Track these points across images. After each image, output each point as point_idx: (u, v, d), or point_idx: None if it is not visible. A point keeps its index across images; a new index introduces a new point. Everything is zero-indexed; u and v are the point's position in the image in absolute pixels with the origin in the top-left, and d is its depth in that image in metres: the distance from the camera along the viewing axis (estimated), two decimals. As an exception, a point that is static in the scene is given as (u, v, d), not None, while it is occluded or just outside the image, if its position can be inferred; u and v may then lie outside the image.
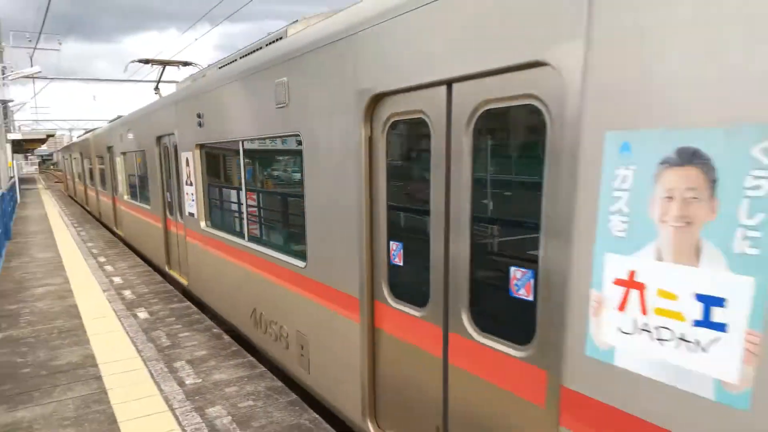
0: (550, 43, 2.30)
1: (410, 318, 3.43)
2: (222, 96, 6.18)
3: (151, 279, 9.61)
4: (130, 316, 7.39)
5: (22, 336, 6.66)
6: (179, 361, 5.71)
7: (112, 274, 10.15)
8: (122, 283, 9.32)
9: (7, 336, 6.67)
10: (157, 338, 6.45)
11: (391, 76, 3.31)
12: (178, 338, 6.44)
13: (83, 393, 5.02)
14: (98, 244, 13.88)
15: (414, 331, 3.42)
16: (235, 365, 5.60)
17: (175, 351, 6.02)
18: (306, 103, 4.33)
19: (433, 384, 3.28)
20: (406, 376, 3.53)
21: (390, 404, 3.73)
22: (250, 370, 5.49)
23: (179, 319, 7.21)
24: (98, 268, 10.76)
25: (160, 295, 8.43)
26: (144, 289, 8.90)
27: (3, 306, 8.06)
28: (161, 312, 7.54)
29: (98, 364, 5.70)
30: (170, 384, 5.16)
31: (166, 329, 6.78)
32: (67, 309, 7.81)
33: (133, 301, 8.17)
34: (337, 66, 3.85)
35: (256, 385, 5.11)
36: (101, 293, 8.68)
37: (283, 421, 4.42)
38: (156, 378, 5.31)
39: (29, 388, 5.16)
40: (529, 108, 2.53)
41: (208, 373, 5.40)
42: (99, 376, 5.39)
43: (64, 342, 6.41)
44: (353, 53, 3.66)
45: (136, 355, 5.93)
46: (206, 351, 6.01)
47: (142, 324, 7.01)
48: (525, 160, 2.74)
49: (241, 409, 4.64)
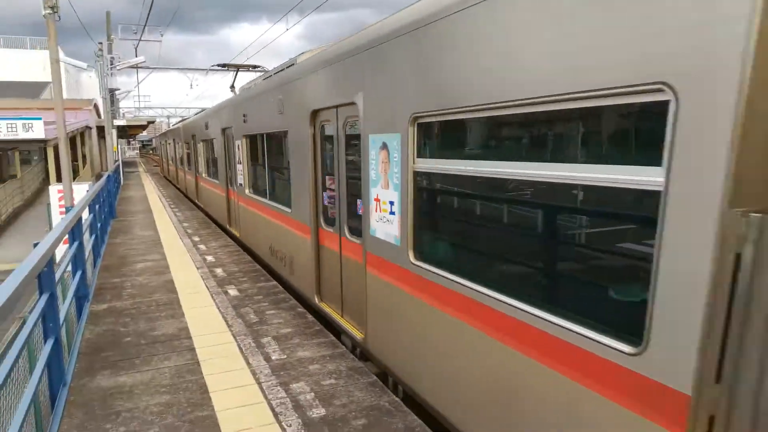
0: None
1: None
2: (254, 104, 9.17)
3: (240, 258, 10.04)
4: (221, 292, 7.76)
5: (125, 307, 7.17)
6: (266, 337, 5.93)
7: (204, 252, 10.70)
8: (214, 262, 9.80)
9: (112, 307, 7.21)
10: (245, 314, 6.74)
11: (320, 100, 5.95)
12: (265, 315, 6.69)
13: (178, 363, 5.33)
14: (192, 224, 14.67)
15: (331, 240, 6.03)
16: (318, 344, 5.74)
17: (262, 327, 6.26)
18: (289, 112, 7.08)
19: (337, 268, 6.03)
20: (329, 267, 6.26)
21: (324, 285, 6.53)
22: (332, 349, 5.61)
23: (266, 297, 7.48)
24: (192, 246, 11.38)
25: (249, 274, 8.79)
26: (234, 267, 9.31)
27: (108, 279, 8.71)
28: (250, 290, 7.86)
29: (192, 336, 6.03)
30: (257, 358, 5.38)
31: (254, 306, 7.06)
32: (165, 284, 8.32)
33: (224, 278, 8.57)
34: (301, 92, 6.63)
35: (338, 364, 5.22)
36: (195, 270, 9.18)
37: (364, 401, 4.49)
38: (244, 352, 5.54)
39: (130, 355, 5.55)
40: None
41: (292, 350, 5.58)
42: (193, 347, 5.71)
43: (162, 314, 6.84)
44: (304, 84, 6.48)
45: (227, 329, 6.22)
46: (291, 329, 6.20)
47: (231, 300, 7.35)
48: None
49: (324, 386, 4.76)
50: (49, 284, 4.17)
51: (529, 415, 3.09)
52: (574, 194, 2.92)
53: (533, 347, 3.02)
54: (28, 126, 20.51)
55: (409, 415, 4.25)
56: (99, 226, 10.06)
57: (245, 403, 4.48)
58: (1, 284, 3.06)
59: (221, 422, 4.17)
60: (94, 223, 9.04)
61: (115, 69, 26.03)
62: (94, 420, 4.26)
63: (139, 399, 4.59)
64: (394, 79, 4.29)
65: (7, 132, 20.36)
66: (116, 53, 27.90)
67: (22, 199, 30.93)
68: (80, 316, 6.51)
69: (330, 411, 4.32)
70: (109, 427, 4.16)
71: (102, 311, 7.00)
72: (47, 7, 12.62)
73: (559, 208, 3.13)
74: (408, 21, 4.08)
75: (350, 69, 5.19)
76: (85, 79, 64.37)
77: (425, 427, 4.10)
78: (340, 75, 5.44)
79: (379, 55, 4.56)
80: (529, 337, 3.04)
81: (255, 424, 4.15)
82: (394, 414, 4.26)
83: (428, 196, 4.31)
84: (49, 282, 4.20)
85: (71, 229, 6.25)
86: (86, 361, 5.41)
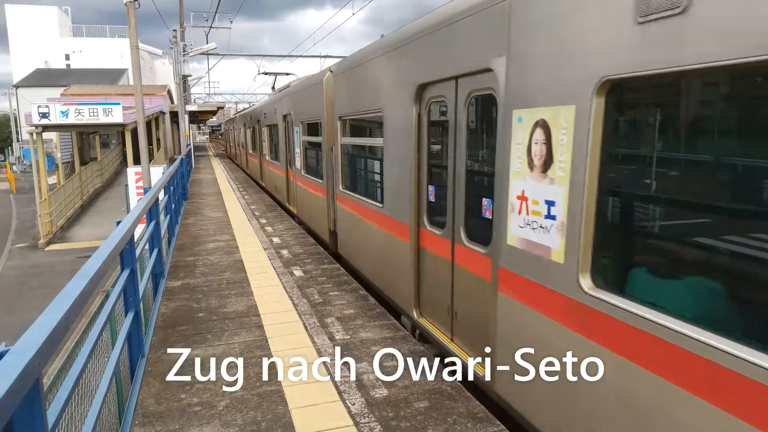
0: None
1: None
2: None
3: (305, 241, 10.26)
4: (287, 273, 7.97)
5: (197, 285, 7.49)
6: (330, 318, 6.07)
7: (271, 234, 11.01)
8: (280, 243, 10.07)
9: (185, 284, 7.55)
10: (310, 295, 6.90)
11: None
12: (329, 296, 6.83)
13: (248, 339, 5.54)
14: (260, 207, 15.10)
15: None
16: (380, 326, 5.82)
17: (326, 308, 6.40)
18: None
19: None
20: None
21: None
22: (394, 332, 5.67)
23: (329, 279, 7.63)
24: (260, 228, 11.73)
25: (313, 256, 8.98)
26: (299, 249, 9.54)
27: (182, 258, 9.12)
28: (314, 271, 8.04)
29: (260, 314, 6.25)
30: (322, 337, 5.51)
31: (318, 287, 7.22)
32: (234, 263, 8.64)
33: (290, 259, 8.79)
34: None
35: (400, 347, 5.27)
36: (262, 251, 9.47)
37: (425, 384, 4.52)
38: (309, 331, 5.69)
39: (203, 330, 5.81)
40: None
41: (355, 331, 5.68)
42: (261, 325, 5.91)
43: (232, 292, 7.11)
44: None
45: (292, 308, 6.40)
46: (353, 310, 6.31)
47: (297, 281, 7.54)
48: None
49: (386, 368, 4.82)
50: (130, 260, 4.43)
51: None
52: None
53: (319, 191, 3.39)
54: (108, 111, 21.61)
55: (472, 400, 4.25)
56: (173, 207, 10.54)
57: (310, 380, 4.61)
58: (87, 260, 3.26)
59: (288, 397, 4.32)
60: (169, 204, 9.47)
61: (188, 56, 26.97)
62: (170, 390, 4.50)
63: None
64: (296, 107, 4.22)
65: (89, 116, 21.54)
66: (188, 40, 28.89)
67: (102, 180, 32.75)
68: (156, 291, 6.86)
69: (392, 392, 4.38)
70: (183, 396, 4.38)
71: (176, 288, 7.35)
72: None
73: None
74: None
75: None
76: (159, 65, 67.03)
77: (487, 412, 4.08)
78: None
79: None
80: (321, 189, 3.40)
81: (320, 400, 4.26)
82: (456, 398, 4.27)
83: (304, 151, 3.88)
84: (131, 258, 4.45)
85: (149, 209, 6.58)
86: (162, 334, 5.71)
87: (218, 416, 4.09)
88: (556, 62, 3.25)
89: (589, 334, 3.03)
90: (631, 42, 2.65)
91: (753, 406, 2.12)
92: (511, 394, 3.91)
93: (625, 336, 2.76)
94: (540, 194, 3.40)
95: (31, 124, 21.82)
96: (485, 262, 4.20)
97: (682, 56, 2.39)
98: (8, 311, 14.94)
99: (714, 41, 2.26)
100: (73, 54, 62.26)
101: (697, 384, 2.33)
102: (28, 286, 17.20)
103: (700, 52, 2.32)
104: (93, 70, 52.91)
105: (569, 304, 3.17)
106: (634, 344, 2.71)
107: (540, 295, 3.45)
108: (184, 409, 4.20)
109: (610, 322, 2.86)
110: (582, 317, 3.08)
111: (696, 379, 2.33)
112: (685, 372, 2.38)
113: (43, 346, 1.94)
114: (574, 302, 3.12)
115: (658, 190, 2.96)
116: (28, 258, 20.73)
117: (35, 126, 21.66)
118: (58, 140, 35.24)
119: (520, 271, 3.68)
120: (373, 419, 3.99)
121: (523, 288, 3.63)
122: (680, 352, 2.38)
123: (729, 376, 2.19)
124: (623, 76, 2.73)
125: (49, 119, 21.24)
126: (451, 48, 4.52)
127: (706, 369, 2.26)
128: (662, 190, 2.95)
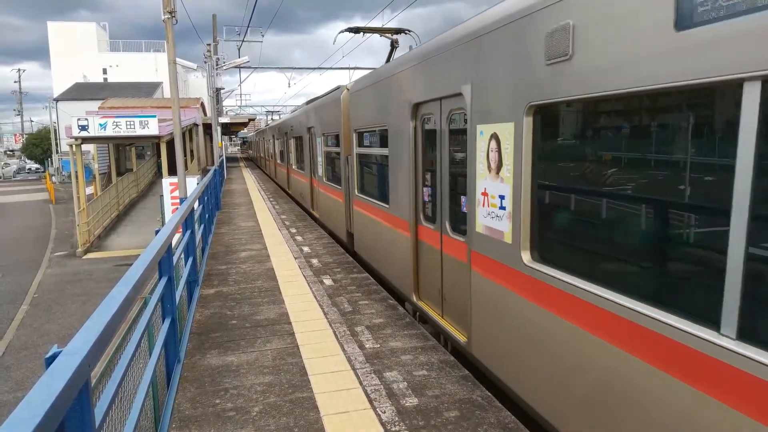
0: None
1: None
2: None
3: (334, 250, 10.37)
4: (317, 282, 8.07)
5: (231, 292, 7.65)
6: (359, 326, 6.12)
7: (301, 243, 11.15)
8: (310, 252, 10.20)
9: (219, 291, 7.71)
10: (340, 303, 6.98)
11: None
12: (358, 305, 6.89)
13: (279, 346, 5.63)
14: (290, 217, 15.30)
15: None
16: (410, 335, 5.85)
17: (355, 317, 6.46)
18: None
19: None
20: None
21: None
22: (423, 341, 5.70)
23: (359, 288, 7.70)
24: (290, 237, 11.89)
25: (343, 265, 9.07)
26: (329, 258, 9.64)
27: (215, 266, 9.31)
28: (343, 280, 8.12)
29: (291, 322, 6.34)
30: (352, 346, 5.57)
31: (348, 296, 7.29)
32: (266, 272, 8.78)
33: (320, 268, 8.90)
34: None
35: (430, 357, 5.29)
36: (293, 260, 9.60)
37: (456, 394, 4.53)
38: (339, 339, 5.76)
39: (236, 337, 5.93)
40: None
41: (384, 340, 5.72)
42: (292, 332, 6.00)
43: (264, 300, 7.23)
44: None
45: (323, 317, 6.48)
46: (383, 319, 6.35)
47: (327, 290, 7.63)
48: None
49: (416, 377, 4.85)
50: (167, 268, 4.56)
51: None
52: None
53: (337, 196, 4.38)
54: (145, 123, 22.24)
55: (503, 410, 4.25)
56: (207, 216, 10.77)
57: (341, 387, 4.66)
58: (129, 268, 3.40)
59: (320, 404, 4.38)
60: (203, 214, 9.69)
61: (221, 69, 27.57)
62: (205, 395, 4.61)
63: (244, 378, 4.91)
64: (317, 121, 5.00)
65: (127, 129, 22.19)
66: (221, 54, 29.53)
67: (137, 191, 33.60)
68: (191, 299, 7.02)
69: (422, 401, 4.41)
70: (218, 402, 4.49)
71: (210, 295, 7.52)
72: (166, 12, 13.63)
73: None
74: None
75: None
76: (192, 78, 68.57)
77: (518, 423, 4.08)
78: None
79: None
80: (339, 193, 4.21)
81: (351, 408, 4.32)
82: (486, 408, 4.28)
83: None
84: (168, 266, 4.59)
85: (185, 219, 6.76)
86: (197, 340, 5.85)
87: (252, 421, 4.18)
88: (502, 90, 4.26)
89: (528, 296, 3.99)
90: (543, 77, 3.68)
91: (648, 350, 2.88)
92: (482, 353, 4.86)
93: (555, 297, 3.67)
94: (495, 190, 4.45)
95: (71, 137, 22.58)
96: (464, 248, 5.18)
97: (571, 89, 3.39)
98: (50, 318, 15.44)
99: (591, 78, 3.21)
100: (110, 68, 64.20)
101: (602, 329, 3.23)
102: (68, 293, 17.74)
103: (583, 86, 3.29)
104: (129, 84, 54.46)
105: (515, 274, 4.16)
106: (560, 303, 3.62)
107: (497, 269, 4.46)
108: (219, 414, 4.30)
109: (543, 287, 3.80)
110: (523, 284, 4.05)
111: (601, 326, 3.24)
112: (596, 324, 3.28)
113: (93, 349, 2.04)
114: (518, 273, 4.11)
115: (574, 184, 3.83)
116: (67, 266, 21.38)
117: (75, 138, 22.40)
118: (95, 152, 36.30)
119: (485, 251, 4.67)
120: (404, 427, 4.02)
121: (486, 264, 4.65)
122: (593, 308, 3.30)
123: (629, 326, 3.00)
124: (541, 102, 3.75)
125: (88, 132, 21.98)
126: (437, 75, 5.53)
127: (611, 320, 3.15)
128: (576, 184, 3.80)
